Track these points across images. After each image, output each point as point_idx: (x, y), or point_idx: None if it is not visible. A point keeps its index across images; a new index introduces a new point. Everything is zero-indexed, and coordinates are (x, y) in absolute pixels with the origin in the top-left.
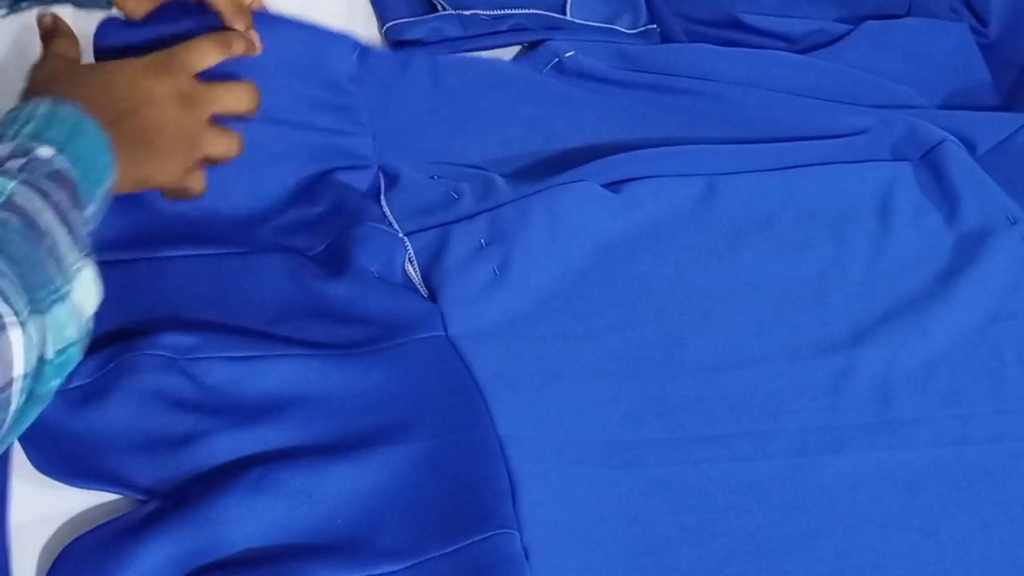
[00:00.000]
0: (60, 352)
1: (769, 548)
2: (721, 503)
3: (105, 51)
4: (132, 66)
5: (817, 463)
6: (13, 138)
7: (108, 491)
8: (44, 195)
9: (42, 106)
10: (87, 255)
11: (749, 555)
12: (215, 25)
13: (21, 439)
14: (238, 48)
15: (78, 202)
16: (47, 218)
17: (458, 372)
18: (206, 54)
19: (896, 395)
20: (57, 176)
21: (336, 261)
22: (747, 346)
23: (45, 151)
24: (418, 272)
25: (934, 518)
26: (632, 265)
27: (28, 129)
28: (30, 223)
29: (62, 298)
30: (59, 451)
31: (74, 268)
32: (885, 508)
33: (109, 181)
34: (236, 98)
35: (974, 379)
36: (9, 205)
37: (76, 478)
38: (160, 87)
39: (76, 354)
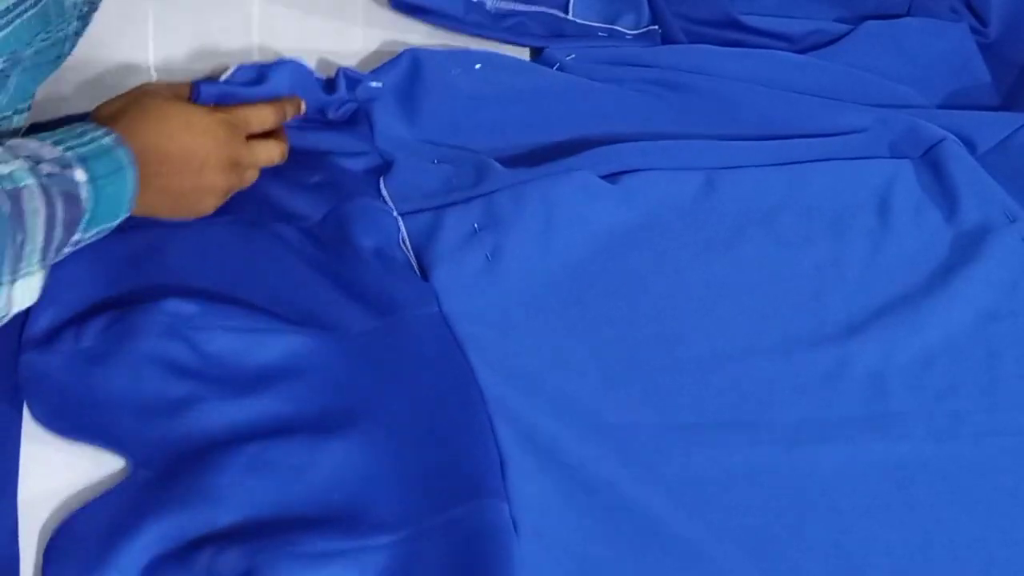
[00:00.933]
0: None
1: (760, 536)
2: (713, 490)
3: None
4: (209, 120)
5: (810, 454)
6: (63, 145)
7: (103, 448)
8: (49, 203)
9: (107, 138)
10: (46, 266)
11: (739, 542)
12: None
13: (26, 394)
14: (290, 113)
15: (73, 228)
16: (36, 221)
17: (450, 349)
18: (266, 119)
19: (890, 389)
20: (73, 199)
21: (333, 237)
22: (743, 339)
23: (80, 175)
24: (411, 253)
25: (925, 511)
26: (628, 257)
27: (82, 149)
28: (18, 218)
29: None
30: (61, 407)
31: (26, 271)
32: (877, 500)
33: (110, 227)
34: (268, 156)
35: (969, 375)
36: (13, 193)
37: (73, 432)
38: (220, 151)
39: None
